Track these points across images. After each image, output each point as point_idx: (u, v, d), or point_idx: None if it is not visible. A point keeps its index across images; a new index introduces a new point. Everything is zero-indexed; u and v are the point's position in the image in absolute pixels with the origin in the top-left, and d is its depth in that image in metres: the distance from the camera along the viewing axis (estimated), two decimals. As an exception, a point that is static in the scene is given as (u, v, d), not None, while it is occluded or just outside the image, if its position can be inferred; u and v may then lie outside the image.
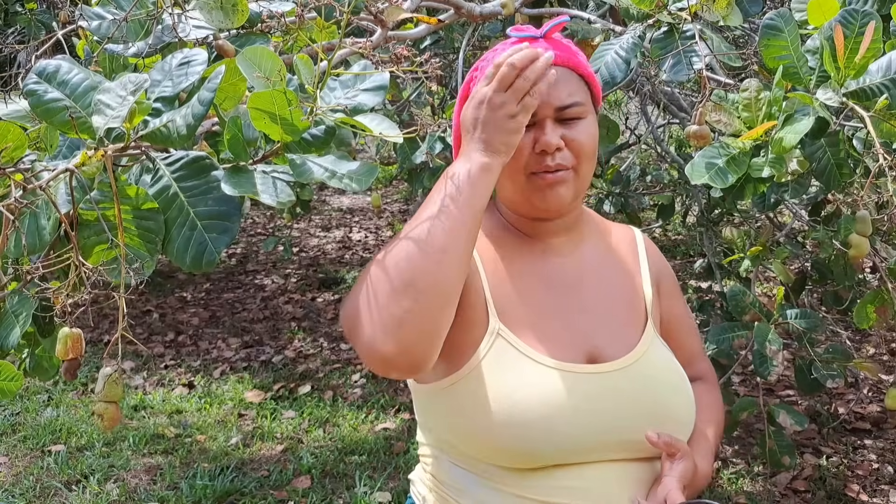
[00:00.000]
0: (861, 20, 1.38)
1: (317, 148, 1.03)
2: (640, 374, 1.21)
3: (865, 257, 1.92)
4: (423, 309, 1.03)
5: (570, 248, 1.28)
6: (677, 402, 1.23)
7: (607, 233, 1.36)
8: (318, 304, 5.46)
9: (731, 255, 2.70)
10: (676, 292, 1.39)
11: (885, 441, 3.51)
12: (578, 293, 1.25)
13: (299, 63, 1.00)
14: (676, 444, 1.18)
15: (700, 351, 1.43)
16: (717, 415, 1.37)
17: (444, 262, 1.04)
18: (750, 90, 1.46)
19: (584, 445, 1.15)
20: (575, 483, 1.15)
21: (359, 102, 1.05)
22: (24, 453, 3.61)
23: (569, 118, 1.19)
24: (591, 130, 1.21)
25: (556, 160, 1.17)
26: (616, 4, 1.83)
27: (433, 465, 1.28)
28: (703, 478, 1.23)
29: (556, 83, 1.16)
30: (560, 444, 1.13)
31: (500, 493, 1.17)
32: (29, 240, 1.07)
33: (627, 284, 1.30)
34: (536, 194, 1.20)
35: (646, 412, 1.18)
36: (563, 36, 1.28)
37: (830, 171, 1.51)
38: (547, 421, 1.12)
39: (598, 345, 1.22)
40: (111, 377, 1.10)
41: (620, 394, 1.18)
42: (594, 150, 1.22)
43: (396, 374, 1.08)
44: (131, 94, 1.01)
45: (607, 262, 1.31)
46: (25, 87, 1.09)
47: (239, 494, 3.25)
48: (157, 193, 1.06)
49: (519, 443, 1.12)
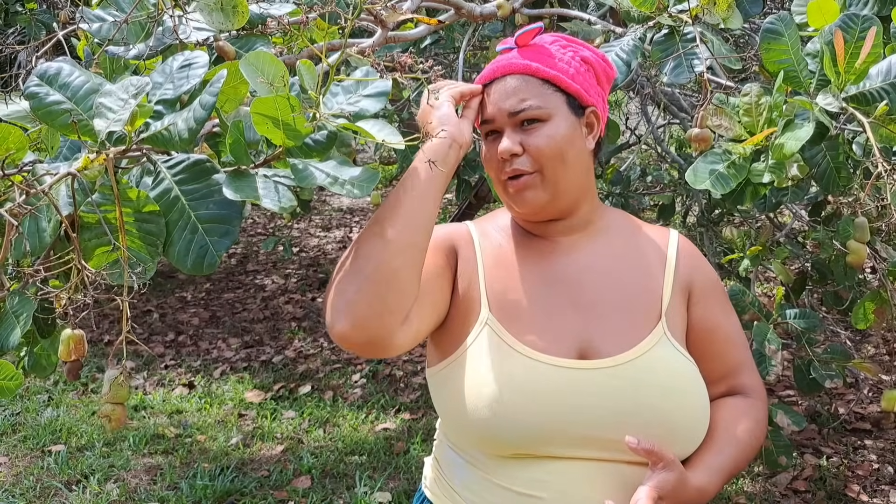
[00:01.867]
0: (861, 25, 1.38)
1: (318, 153, 1.04)
2: (633, 374, 1.19)
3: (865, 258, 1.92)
4: (369, 291, 1.12)
5: (580, 246, 1.30)
6: (672, 407, 1.18)
7: (636, 233, 1.35)
8: (318, 305, 5.46)
9: (730, 255, 2.70)
10: (716, 301, 1.33)
11: (885, 441, 3.52)
12: (577, 290, 1.26)
13: (302, 68, 1.01)
14: (660, 452, 1.14)
15: (744, 365, 1.34)
16: (744, 433, 1.26)
17: (387, 248, 1.13)
18: (751, 95, 1.46)
19: (554, 438, 1.16)
20: (551, 478, 1.17)
21: (361, 108, 1.06)
22: (24, 453, 3.61)
23: (527, 122, 1.24)
24: (551, 132, 1.23)
25: (512, 165, 1.23)
26: (616, 6, 1.83)
27: (437, 447, 1.35)
28: (696, 492, 1.17)
29: (510, 91, 1.25)
30: (525, 434, 1.15)
31: (482, 478, 1.22)
32: (30, 242, 1.07)
33: (641, 285, 1.28)
34: (510, 200, 1.27)
35: (633, 413, 1.16)
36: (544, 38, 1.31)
37: (830, 174, 1.51)
38: (513, 409, 1.15)
39: (591, 341, 1.22)
40: (117, 379, 1.10)
41: (604, 391, 1.17)
42: (559, 150, 1.23)
43: (358, 350, 1.17)
44: (133, 97, 1.01)
45: (622, 261, 1.30)
46: (27, 89, 1.09)
47: (239, 494, 3.25)
48: (159, 196, 1.06)
49: (487, 428, 1.16)
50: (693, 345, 1.28)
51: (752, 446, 1.28)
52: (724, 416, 1.27)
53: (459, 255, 1.30)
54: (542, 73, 1.25)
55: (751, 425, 1.28)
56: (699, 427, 1.22)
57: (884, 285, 2.02)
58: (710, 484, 1.20)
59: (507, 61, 1.27)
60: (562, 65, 1.26)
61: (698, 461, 1.21)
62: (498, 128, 1.26)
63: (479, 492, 1.22)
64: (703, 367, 1.26)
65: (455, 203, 3.65)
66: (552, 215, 1.28)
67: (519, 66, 1.26)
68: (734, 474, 1.25)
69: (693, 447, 1.22)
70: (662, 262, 1.31)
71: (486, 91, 1.28)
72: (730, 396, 1.31)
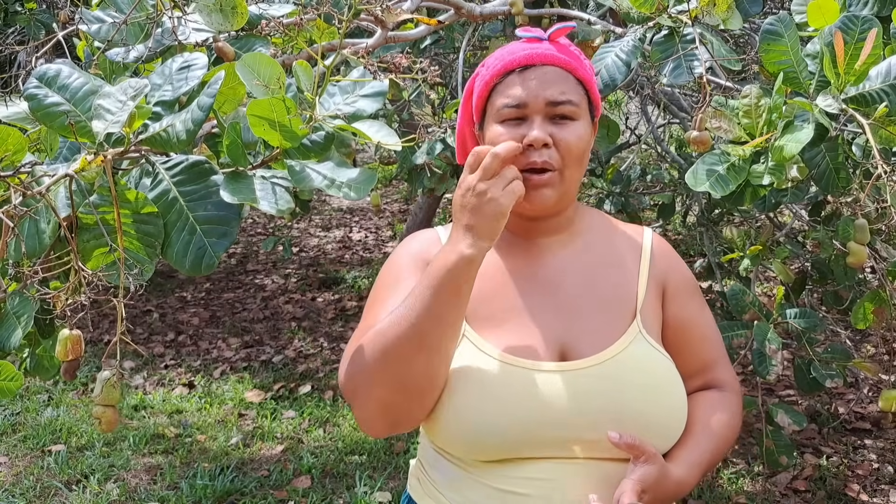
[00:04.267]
0: (861, 26, 1.38)
1: (316, 154, 1.03)
2: (611, 373, 1.19)
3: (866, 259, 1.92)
4: (401, 401, 1.14)
5: (559, 248, 1.29)
6: (650, 403, 1.19)
7: (612, 233, 1.35)
8: (318, 304, 5.46)
9: (730, 255, 2.70)
10: (690, 298, 1.35)
11: (885, 441, 3.52)
12: (558, 292, 1.26)
13: (299, 70, 1.00)
14: (641, 445, 1.15)
15: (718, 360, 1.36)
16: (720, 426, 1.28)
17: (416, 360, 1.11)
18: (750, 97, 1.46)
19: (538, 441, 1.16)
20: (536, 476, 1.17)
21: (358, 109, 1.05)
22: (24, 453, 3.61)
23: (560, 116, 1.20)
24: (580, 133, 1.21)
25: (542, 157, 1.18)
26: (616, 7, 1.83)
27: (421, 448, 1.35)
28: (675, 485, 1.19)
29: (551, 81, 1.20)
30: (510, 441, 1.15)
31: (466, 478, 1.21)
32: (28, 243, 1.07)
33: (616, 284, 1.29)
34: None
35: (611, 411, 1.17)
36: (567, 41, 1.29)
37: (829, 175, 1.51)
38: (492, 416, 1.15)
39: (570, 343, 1.22)
40: (109, 381, 1.10)
41: (582, 392, 1.17)
42: (582, 154, 1.22)
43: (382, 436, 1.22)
44: (131, 99, 1.01)
45: (599, 261, 1.30)
46: (26, 91, 1.09)
47: (239, 494, 3.25)
48: (157, 198, 1.06)
49: (471, 439, 1.16)
50: (668, 341, 1.30)
51: (729, 438, 1.29)
52: (701, 410, 1.28)
53: None
54: (578, 72, 1.24)
55: (726, 418, 1.30)
56: (677, 422, 1.23)
57: (883, 285, 2.02)
58: (690, 476, 1.21)
59: (544, 51, 1.23)
60: (589, 70, 1.27)
61: (677, 455, 1.22)
62: (526, 114, 1.20)
63: (463, 491, 1.22)
64: (679, 363, 1.27)
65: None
66: (551, 214, 1.27)
67: (560, 59, 1.23)
68: (712, 467, 1.27)
69: (671, 442, 1.23)
70: (637, 260, 1.32)
71: (510, 75, 1.23)
72: (705, 390, 1.33)
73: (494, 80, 1.24)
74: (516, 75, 1.22)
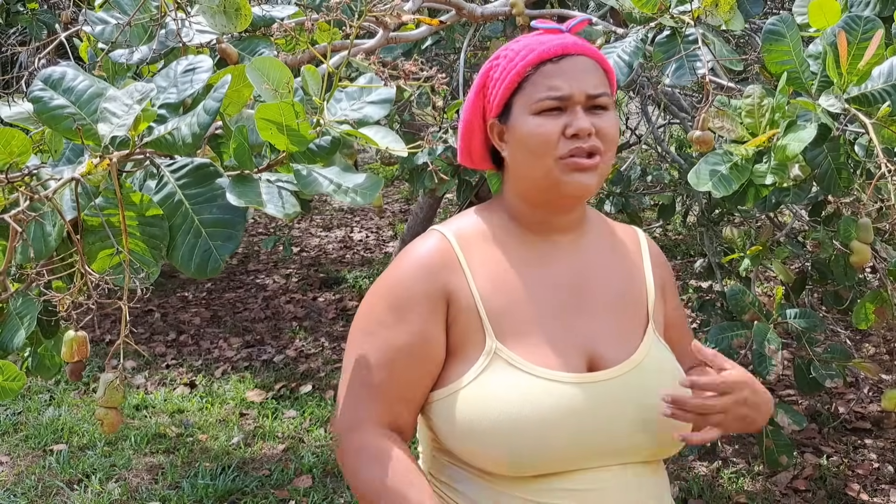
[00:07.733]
0: (864, 26, 1.38)
1: (322, 158, 1.04)
2: (638, 380, 1.20)
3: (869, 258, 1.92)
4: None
5: (575, 248, 1.27)
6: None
7: (610, 232, 1.35)
8: (319, 304, 5.46)
9: (730, 255, 2.71)
10: (676, 294, 1.40)
11: (885, 440, 3.52)
12: (581, 295, 1.25)
13: (306, 74, 1.01)
14: (722, 360, 1.21)
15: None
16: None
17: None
18: (753, 97, 1.46)
19: (576, 455, 1.16)
20: (573, 486, 1.16)
21: (365, 115, 1.05)
22: (25, 453, 3.61)
23: (597, 107, 1.20)
24: (614, 121, 1.22)
25: (587, 143, 1.17)
26: (618, 7, 1.83)
27: (430, 462, 1.29)
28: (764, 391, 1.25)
29: (588, 71, 1.20)
30: (552, 456, 1.15)
31: (496, 492, 1.18)
32: (35, 246, 1.07)
33: (630, 286, 1.29)
34: (565, 177, 1.18)
35: (641, 418, 1.18)
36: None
37: (831, 175, 1.52)
38: (537, 433, 1.13)
39: (599, 350, 1.21)
40: (112, 384, 1.11)
41: (616, 402, 1.18)
42: (615, 140, 1.22)
43: None
44: (137, 102, 1.01)
45: (610, 262, 1.30)
46: (31, 93, 1.10)
47: (240, 493, 3.25)
48: (162, 200, 1.06)
49: (507, 456, 1.14)
50: (666, 338, 1.32)
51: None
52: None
53: (450, 298, 1.21)
54: (606, 64, 1.24)
55: None
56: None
57: (884, 285, 2.03)
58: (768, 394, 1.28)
59: (574, 41, 1.22)
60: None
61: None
62: (567, 105, 1.18)
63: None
64: (675, 357, 1.30)
65: (456, 203, 3.66)
66: (581, 202, 1.26)
67: (591, 50, 1.22)
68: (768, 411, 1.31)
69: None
70: (640, 261, 1.34)
71: (545, 65, 1.20)
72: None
73: (527, 70, 1.20)
74: (552, 65, 1.19)
